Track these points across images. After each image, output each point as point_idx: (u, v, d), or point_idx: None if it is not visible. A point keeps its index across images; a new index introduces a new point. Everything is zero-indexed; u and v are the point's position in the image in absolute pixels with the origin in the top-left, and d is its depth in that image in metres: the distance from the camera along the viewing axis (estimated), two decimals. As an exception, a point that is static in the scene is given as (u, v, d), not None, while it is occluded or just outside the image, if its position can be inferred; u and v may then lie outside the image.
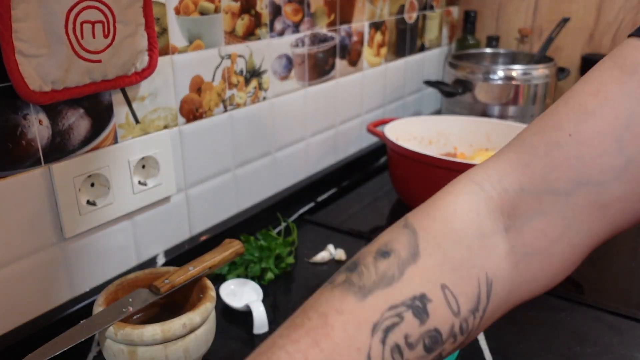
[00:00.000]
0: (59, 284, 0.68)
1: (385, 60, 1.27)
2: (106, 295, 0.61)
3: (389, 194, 1.13)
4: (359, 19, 1.14)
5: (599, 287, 0.83)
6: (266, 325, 0.71)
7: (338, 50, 1.09)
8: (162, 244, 0.81)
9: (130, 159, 0.72)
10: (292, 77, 0.99)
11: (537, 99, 1.24)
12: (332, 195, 1.12)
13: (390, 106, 1.34)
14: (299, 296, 0.78)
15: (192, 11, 0.77)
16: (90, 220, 0.69)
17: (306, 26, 0.99)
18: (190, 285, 0.65)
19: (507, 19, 1.53)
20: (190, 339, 0.58)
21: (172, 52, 0.75)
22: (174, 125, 0.78)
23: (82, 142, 0.66)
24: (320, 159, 1.13)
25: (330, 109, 1.12)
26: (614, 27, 1.39)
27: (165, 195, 0.79)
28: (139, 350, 0.56)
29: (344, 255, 0.88)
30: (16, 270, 0.63)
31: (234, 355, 0.67)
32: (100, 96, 0.68)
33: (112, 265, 0.74)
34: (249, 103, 0.91)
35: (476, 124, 1.14)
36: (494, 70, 1.23)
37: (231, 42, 0.84)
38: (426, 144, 1.14)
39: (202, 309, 0.59)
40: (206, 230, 0.88)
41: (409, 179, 1.00)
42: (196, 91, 0.81)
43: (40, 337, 0.65)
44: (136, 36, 0.67)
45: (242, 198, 0.94)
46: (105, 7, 0.62)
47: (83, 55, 0.61)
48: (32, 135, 0.61)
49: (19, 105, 0.59)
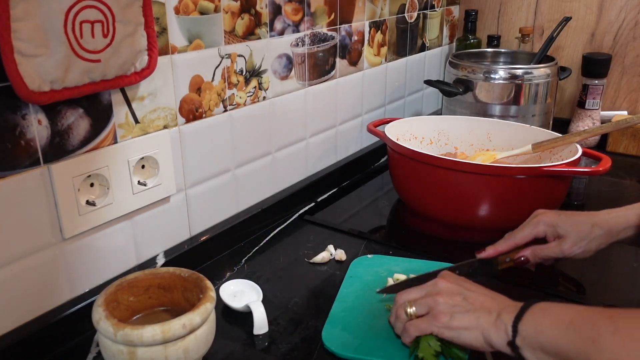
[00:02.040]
0: (58, 285, 0.68)
1: (386, 59, 1.27)
2: (106, 295, 0.61)
3: (389, 194, 1.13)
4: (359, 19, 1.13)
5: (601, 288, 0.83)
6: (266, 326, 0.71)
7: (338, 50, 1.09)
8: (162, 244, 0.81)
9: (130, 159, 0.72)
10: (292, 76, 0.98)
11: (538, 99, 1.24)
12: (332, 195, 1.12)
13: (391, 106, 1.34)
14: (299, 296, 0.78)
15: (191, 11, 0.76)
16: (90, 220, 0.69)
17: (306, 25, 0.99)
18: (191, 285, 0.65)
19: (508, 18, 1.53)
20: (190, 340, 0.58)
21: (172, 52, 0.75)
22: (174, 125, 0.78)
23: (82, 142, 0.66)
24: (320, 159, 1.12)
25: (330, 109, 1.12)
26: (616, 27, 1.38)
27: (164, 196, 0.78)
28: (139, 350, 0.56)
29: (344, 256, 0.88)
30: (15, 270, 0.63)
31: (234, 355, 0.67)
32: (100, 96, 0.67)
33: (111, 265, 0.74)
34: (249, 103, 0.90)
35: (477, 124, 1.14)
36: (494, 69, 1.23)
37: (231, 41, 0.84)
38: (426, 143, 1.14)
39: (202, 310, 0.59)
40: (206, 230, 0.88)
41: (409, 179, 1.00)
42: (196, 91, 0.80)
43: (40, 337, 0.65)
44: (135, 36, 0.66)
45: (241, 198, 0.94)
46: (105, 6, 0.62)
47: (82, 55, 0.61)
48: (31, 135, 0.61)
49: (18, 105, 0.59)
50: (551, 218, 0.76)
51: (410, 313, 0.64)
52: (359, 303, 0.75)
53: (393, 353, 0.65)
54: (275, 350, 0.68)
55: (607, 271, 0.87)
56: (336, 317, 0.72)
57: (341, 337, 0.68)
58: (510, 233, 0.78)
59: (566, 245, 0.74)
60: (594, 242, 0.73)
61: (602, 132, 1.00)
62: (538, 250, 0.75)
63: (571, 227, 0.74)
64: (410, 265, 0.83)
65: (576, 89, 1.45)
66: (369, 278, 0.81)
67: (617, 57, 1.40)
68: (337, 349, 0.66)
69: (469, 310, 0.60)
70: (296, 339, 0.69)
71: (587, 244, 0.73)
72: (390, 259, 0.86)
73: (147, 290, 0.66)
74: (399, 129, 1.08)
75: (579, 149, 0.94)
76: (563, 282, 0.84)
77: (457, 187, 0.92)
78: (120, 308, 0.63)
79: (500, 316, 0.57)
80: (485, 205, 0.92)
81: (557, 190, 0.93)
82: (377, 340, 0.68)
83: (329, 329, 0.70)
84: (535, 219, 0.77)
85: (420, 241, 0.96)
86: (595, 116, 1.37)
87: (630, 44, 1.38)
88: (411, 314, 0.64)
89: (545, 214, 0.77)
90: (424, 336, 0.63)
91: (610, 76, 1.40)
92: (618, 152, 1.33)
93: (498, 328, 0.57)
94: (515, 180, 0.89)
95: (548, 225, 0.75)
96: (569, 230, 0.74)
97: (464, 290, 0.62)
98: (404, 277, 0.79)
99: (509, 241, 0.77)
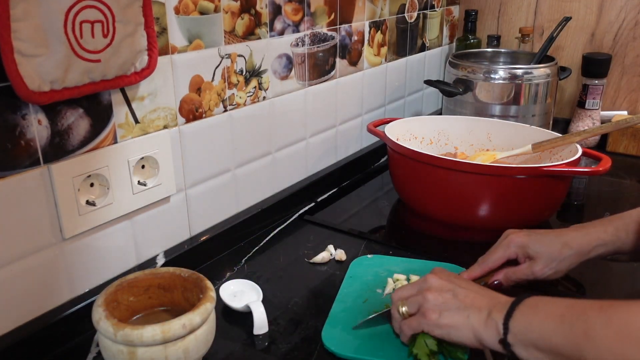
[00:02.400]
0: (58, 285, 0.68)
1: (386, 59, 1.27)
2: (106, 295, 0.61)
3: (389, 194, 1.13)
4: (359, 19, 1.13)
5: (600, 288, 0.83)
6: (266, 326, 0.71)
7: (338, 50, 1.09)
8: (162, 244, 0.81)
9: (130, 159, 0.72)
10: (292, 76, 0.98)
11: (538, 99, 1.24)
12: (332, 195, 1.12)
13: (391, 106, 1.34)
14: (299, 296, 0.78)
15: (191, 11, 0.76)
16: (90, 220, 0.69)
17: (306, 25, 0.99)
18: (191, 285, 0.65)
19: (508, 18, 1.53)
20: (190, 340, 0.58)
21: (172, 52, 0.75)
22: (174, 125, 0.78)
23: (82, 142, 0.66)
24: (320, 159, 1.12)
25: (330, 109, 1.12)
26: (616, 27, 1.38)
27: (164, 196, 0.78)
28: (139, 350, 0.56)
29: (344, 256, 0.88)
30: (15, 270, 0.63)
31: (234, 355, 0.67)
32: (100, 96, 0.67)
33: (111, 265, 0.74)
34: (249, 103, 0.90)
35: (477, 124, 1.14)
36: (494, 69, 1.23)
37: (231, 41, 0.84)
38: (426, 143, 1.14)
39: (202, 310, 0.59)
40: (206, 230, 0.88)
41: (409, 179, 1.00)
42: (196, 91, 0.80)
43: (40, 337, 0.65)
44: (135, 36, 0.66)
45: (242, 198, 0.94)
46: (105, 6, 0.62)
47: (82, 55, 0.61)
48: (31, 135, 0.61)
49: (18, 105, 0.59)
50: (522, 239, 0.73)
51: (402, 312, 0.64)
52: (359, 303, 0.75)
53: (393, 353, 0.65)
54: (275, 350, 0.68)
55: (607, 271, 0.87)
56: (336, 317, 0.72)
57: (341, 337, 0.68)
58: (483, 257, 0.76)
59: (537, 267, 0.72)
60: (565, 263, 0.72)
61: (602, 132, 1.00)
62: (510, 274, 0.74)
63: (542, 248, 0.72)
64: (410, 265, 0.83)
65: (576, 89, 1.45)
66: (368, 278, 0.81)
67: (617, 57, 1.40)
68: (337, 349, 0.66)
69: (459, 308, 0.60)
70: (296, 339, 0.69)
71: (557, 264, 0.72)
72: (390, 259, 0.86)
73: (147, 290, 0.66)
74: (399, 129, 1.08)
75: (579, 149, 0.94)
76: (563, 282, 0.84)
77: (457, 187, 0.92)
78: (120, 308, 0.63)
79: (491, 314, 0.57)
80: (485, 205, 0.92)
81: (557, 190, 0.93)
82: (377, 340, 0.68)
83: (329, 329, 0.70)
84: (506, 240, 0.75)
85: (420, 241, 0.96)
86: (595, 116, 1.37)
87: (630, 44, 1.38)
88: (404, 312, 0.64)
89: (516, 235, 0.74)
90: (420, 334, 0.63)
91: (610, 76, 1.40)
92: (618, 152, 1.33)
93: (489, 326, 0.57)
94: (515, 180, 0.89)
95: (519, 247, 0.73)
96: (540, 251, 0.72)
97: (455, 286, 0.62)
98: (404, 277, 0.79)
99: (483, 265, 0.75)
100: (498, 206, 0.92)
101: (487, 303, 0.59)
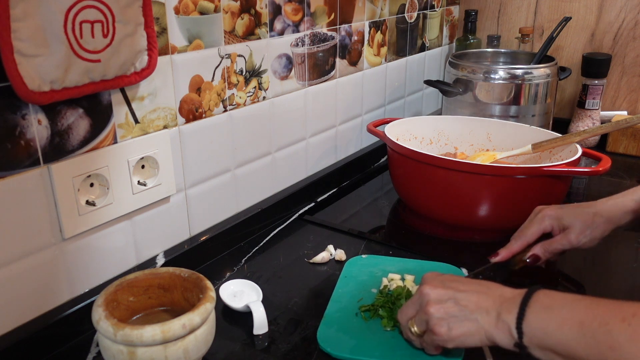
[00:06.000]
0: (58, 285, 0.68)
1: (386, 59, 1.27)
2: (105, 295, 0.61)
3: (389, 194, 1.13)
4: (359, 19, 1.13)
5: (601, 288, 0.83)
6: (266, 326, 0.70)
7: (338, 50, 1.09)
8: (162, 244, 0.81)
9: (130, 159, 0.72)
10: (292, 76, 0.98)
11: (538, 99, 1.24)
12: (332, 195, 1.12)
13: (391, 106, 1.34)
14: (298, 296, 0.78)
15: (191, 11, 0.76)
16: (90, 220, 0.68)
17: (306, 26, 0.99)
18: (190, 285, 0.65)
19: (507, 18, 1.53)
20: (190, 340, 0.58)
21: (172, 52, 0.75)
22: (174, 125, 0.78)
23: (82, 142, 0.66)
24: (320, 159, 1.12)
25: (330, 109, 1.12)
26: (615, 27, 1.38)
27: (164, 196, 0.78)
28: (139, 351, 0.56)
29: (344, 256, 0.88)
30: (15, 270, 0.63)
31: (234, 355, 0.67)
32: (100, 96, 0.67)
33: (111, 265, 0.74)
34: (249, 103, 0.90)
35: (477, 124, 1.14)
36: (494, 69, 1.23)
37: (231, 41, 0.84)
38: (426, 144, 1.14)
39: (201, 310, 0.59)
40: (206, 230, 0.88)
41: (409, 179, 1.00)
42: (196, 91, 0.80)
43: (40, 337, 0.65)
44: (135, 36, 0.66)
45: (241, 198, 0.94)
46: (105, 6, 0.62)
47: (82, 55, 0.61)
48: (31, 135, 0.61)
49: (17, 105, 0.59)
50: (555, 211, 0.77)
51: (414, 332, 0.63)
52: (354, 303, 0.75)
53: (388, 353, 0.65)
54: (275, 350, 0.68)
55: (607, 271, 0.87)
56: (331, 317, 0.72)
57: (336, 337, 0.68)
58: (518, 232, 0.79)
59: (573, 235, 0.75)
60: (598, 230, 0.75)
61: (602, 132, 1.00)
62: (547, 245, 0.76)
63: (575, 218, 0.75)
64: (405, 265, 0.83)
65: (576, 89, 1.45)
66: (363, 278, 0.80)
67: (617, 57, 1.40)
68: (333, 350, 0.66)
69: (466, 315, 0.58)
70: (296, 339, 0.69)
71: (591, 232, 0.75)
72: (384, 259, 0.86)
73: (147, 290, 0.66)
74: (398, 129, 1.08)
75: (579, 149, 0.94)
76: (563, 282, 0.84)
77: (457, 187, 0.92)
78: (120, 308, 0.63)
79: (500, 315, 0.55)
80: (485, 205, 0.92)
81: (557, 190, 0.93)
82: (373, 340, 0.67)
83: (324, 330, 0.69)
84: (540, 215, 0.78)
85: (420, 241, 0.96)
86: (595, 116, 1.37)
87: (630, 44, 1.38)
88: (416, 332, 0.62)
89: (548, 209, 0.78)
90: None
91: (610, 76, 1.40)
92: (618, 152, 1.33)
93: (501, 329, 0.55)
94: (515, 180, 0.89)
95: (553, 219, 0.77)
96: (574, 220, 0.75)
97: (454, 292, 0.60)
98: (398, 277, 0.79)
99: (521, 241, 0.77)
100: (498, 206, 0.92)
101: (493, 302, 0.57)
